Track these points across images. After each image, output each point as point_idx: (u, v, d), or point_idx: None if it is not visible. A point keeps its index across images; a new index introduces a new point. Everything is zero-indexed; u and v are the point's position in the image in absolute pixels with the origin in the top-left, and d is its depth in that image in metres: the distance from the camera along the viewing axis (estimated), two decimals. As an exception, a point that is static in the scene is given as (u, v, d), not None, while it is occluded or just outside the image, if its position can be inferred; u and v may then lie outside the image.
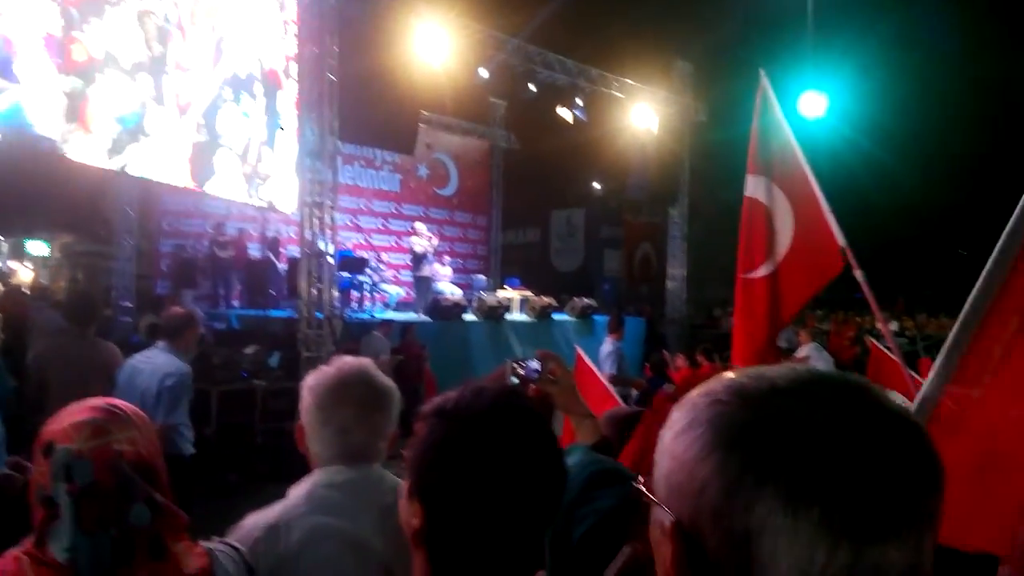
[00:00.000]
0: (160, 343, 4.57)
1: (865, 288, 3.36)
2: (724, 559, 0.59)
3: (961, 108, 19.99)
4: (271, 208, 12.04)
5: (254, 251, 14.45)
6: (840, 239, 3.40)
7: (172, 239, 14.17)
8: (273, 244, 14.11)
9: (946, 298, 19.54)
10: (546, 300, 13.52)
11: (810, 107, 15.11)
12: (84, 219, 13.84)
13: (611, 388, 3.64)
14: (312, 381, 1.69)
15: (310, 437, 1.67)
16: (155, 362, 4.43)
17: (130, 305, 12.39)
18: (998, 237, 1.59)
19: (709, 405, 0.64)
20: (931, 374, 1.63)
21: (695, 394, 0.67)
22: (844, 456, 0.57)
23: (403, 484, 1.04)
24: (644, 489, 0.69)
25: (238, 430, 8.45)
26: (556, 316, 13.68)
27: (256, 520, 1.60)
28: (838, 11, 18.39)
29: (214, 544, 1.46)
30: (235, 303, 13.80)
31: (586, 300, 14.28)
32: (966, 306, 1.59)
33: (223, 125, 9.49)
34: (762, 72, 3.76)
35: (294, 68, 10.15)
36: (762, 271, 3.71)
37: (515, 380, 1.89)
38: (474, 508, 0.97)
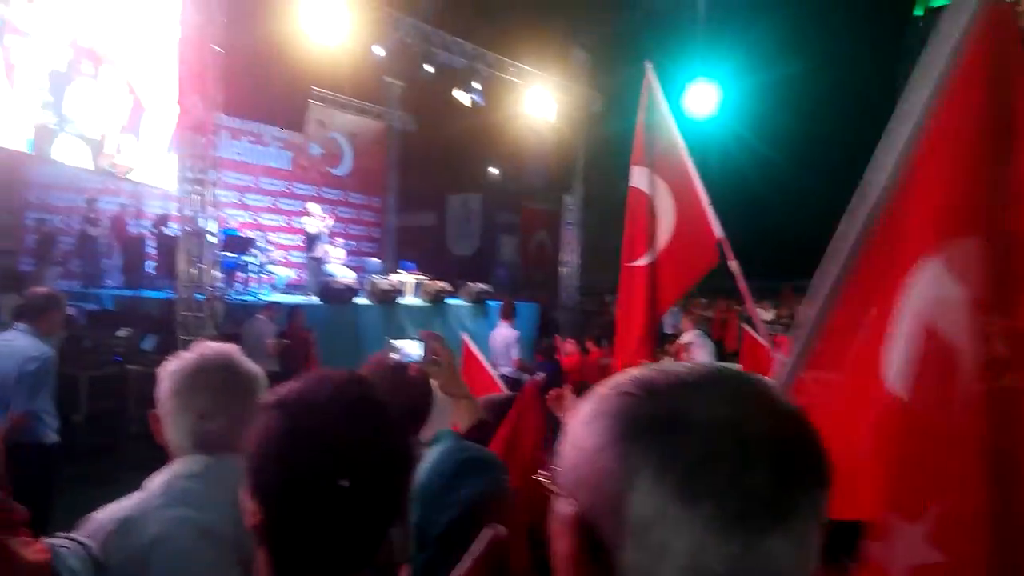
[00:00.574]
0: (21, 325, 4.27)
1: (739, 279, 3.51)
2: (619, 550, 0.61)
3: (850, 107, 21.15)
4: (147, 184, 11.38)
5: (137, 228, 13.66)
6: (718, 231, 3.53)
7: (40, 213, 13.21)
8: (162, 221, 13.37)
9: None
10: (440, 285, 13.45)
11: (701, 101, 15.63)
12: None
13: (496, 376, 3.66)
14: (171, 367, 1.62)
15: (167, 425, 1.59)
16: (15, 345, 4.16)
17: (-10, 283, 11.48)
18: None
19: (616, 396, 0.66)
20: (788, 359, 1.67)
21: (603, 386, 0.68)
22: (738, 451, 0.59)
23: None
24: (547, 480, 0.70)
25: (109, 417, 8.03)
26: (451, 301, 13.65)
27: (109, 513, 1.51)
28: (732, 6, 19.09)
29: (57, 540, 1.36)
30: (109, 282, 13.05)
31: (481, 285, 14.32)
32: (820, 292, 1.63)
33: (73, 105, 8.62)
34: (648, 65, 3.84)
35: (174, 37, 9.55)
36: (643, 260, 3.81)
37: (397, 358, 1.88)
38: (311, 504, 0.94)
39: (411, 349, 1.88)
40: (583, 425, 0.66)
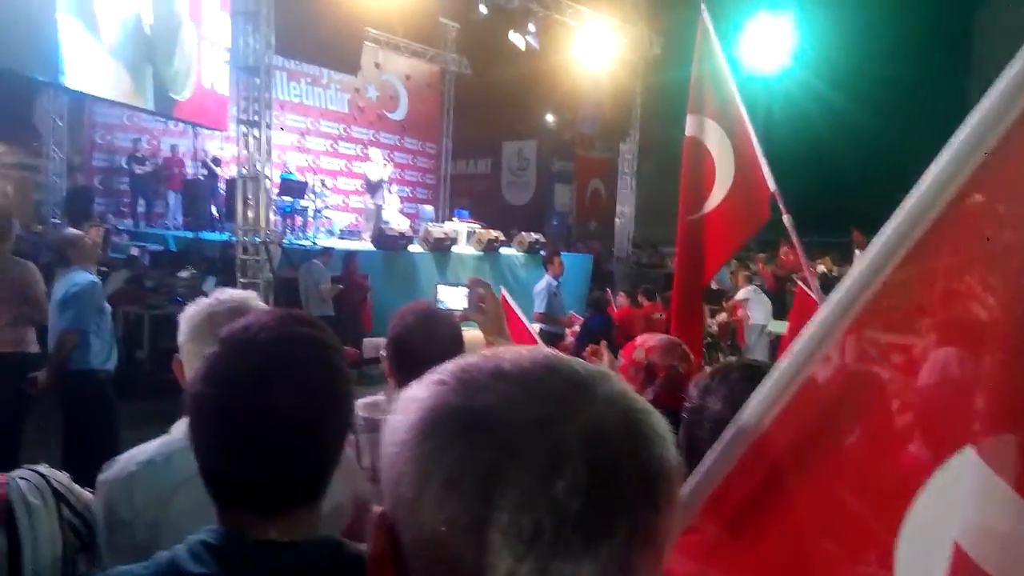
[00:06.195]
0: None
1: (792, 233, 3.35)
2: (416, 556, 0.55)
3: (927, 51, 20.03)
4: (196, 124, 11.50)
5: (195, 169, 13.93)
6: (771, 184, 3.36)
7: (105, 153, 13.57)
8: (215, 162, 13.60)
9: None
10: (494, 233, 13.41)
11: (761, 41, 14.86)
12: (14, 128, 13.14)
13: (535, 332, 3.61)
14: (186, 312, 1.61)
15: (188, 371, 1.58)
16: (65, 277, 4.67)
17: (58, 222, 11.91)
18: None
19: (431, 384, 0.58)
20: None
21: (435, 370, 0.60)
22: (545, 458, 0.51)
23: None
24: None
25: (170, 355, 8.29)
26: (504, 250, 13.61)
27: (133, 454, 1.51)
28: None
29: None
30: (169, 223, 13.40)
31: (534, 235, 14.23)
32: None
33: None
34: (703, 8, 3.64)
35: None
36: (702, 212, 3.66)
37: (443, 304, 1.84)
38: (242, 431, 0.96)
39: (457, 297, 1.84)
40: (397, 414, 0.58)
